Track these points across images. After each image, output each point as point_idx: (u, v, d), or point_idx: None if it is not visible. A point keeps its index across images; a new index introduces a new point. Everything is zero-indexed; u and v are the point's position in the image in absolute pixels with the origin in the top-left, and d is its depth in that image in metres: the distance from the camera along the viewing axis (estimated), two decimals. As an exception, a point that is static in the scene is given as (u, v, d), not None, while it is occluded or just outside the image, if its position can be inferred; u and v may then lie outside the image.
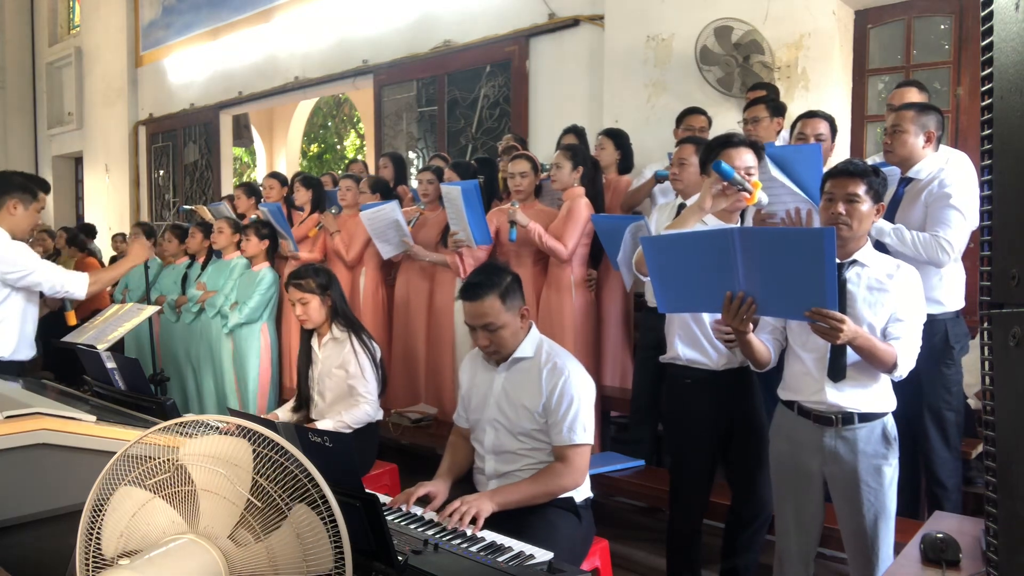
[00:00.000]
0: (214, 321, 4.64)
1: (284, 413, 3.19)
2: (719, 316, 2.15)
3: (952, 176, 2.72)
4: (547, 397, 2.17)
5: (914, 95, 3.19)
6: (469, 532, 1.89)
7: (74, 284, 3.27)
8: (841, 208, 2.11)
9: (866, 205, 2.11)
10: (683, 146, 3.17)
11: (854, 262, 2.14)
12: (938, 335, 2.72)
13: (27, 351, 3.28)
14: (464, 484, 2.42)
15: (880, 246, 2.60)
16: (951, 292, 2.80)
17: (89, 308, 5.17)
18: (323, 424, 2.95)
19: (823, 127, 3.27)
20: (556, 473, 2.16)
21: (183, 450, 1.11)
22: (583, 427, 2.17)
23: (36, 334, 3.36)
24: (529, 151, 4.54)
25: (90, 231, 8.51)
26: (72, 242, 7.12)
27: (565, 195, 3.78)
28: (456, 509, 1.96)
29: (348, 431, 2.93)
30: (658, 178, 3.71)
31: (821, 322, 1.95)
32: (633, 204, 4.05)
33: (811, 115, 3.33)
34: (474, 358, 2.42)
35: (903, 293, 2.10)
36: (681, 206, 3.17)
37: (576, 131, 4.41)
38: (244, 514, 1.09)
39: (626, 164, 4.22)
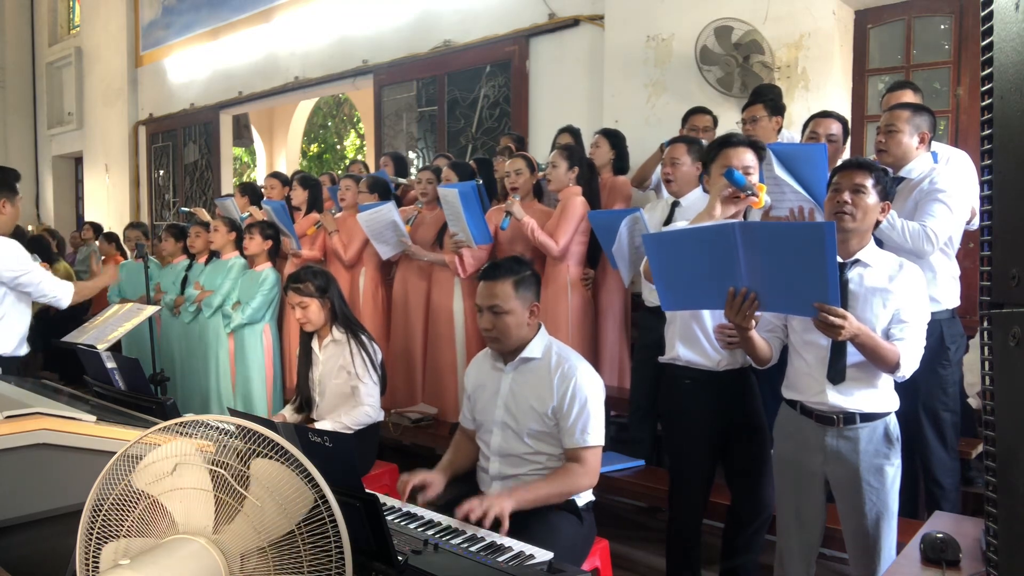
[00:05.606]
0: (212, 321, 4.63)
1: (288, 413, 3.20)
2: (722, 316, 2.14)
3: (944, 174, 2.72)
4: (558, 401, 2.18)
5: (909, 96, 3.18)
6: (488, 536, 1.86)
7: (62, 292, 3.37)
8: (847, 197, 2.10)
9: (872, 198, 2.10)
10: (675, 145, 3.17)
11: (856, 262, 2.13)
12: (934, 336, 2.70)
13: (24, 347, 3.39)
14: (465, 482, 2.42)
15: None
16: (946, 289, 2.80)
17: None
18: (322, 425, 2.94)
19: (835, 127, 3.27)
20: (572, 473, 2.16)
21: (139, 470, 1.12)
22: (595, 429, 2.18)
23: (35, 333, 3.44)
24: (527, 151, 4.54)
25: (98, 231, 8.59)
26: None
27: (561, 195, 3.78)
28: (476, 507, 1.94)
29: (348, 432, 2.92)
30: (663, 147, 3.74)
31: (823, 318, 1.94)
32: (642, 178, 4.13)
33: (824, 115, 3.32)
34: (481, 359, 2.43)
35: (906, 293, 2.09)
36: (674, 204, 3.18)
37: (571, 131, 4.41)
38: (219, 496, 1.09)
39: (621, 165, 4.22)
